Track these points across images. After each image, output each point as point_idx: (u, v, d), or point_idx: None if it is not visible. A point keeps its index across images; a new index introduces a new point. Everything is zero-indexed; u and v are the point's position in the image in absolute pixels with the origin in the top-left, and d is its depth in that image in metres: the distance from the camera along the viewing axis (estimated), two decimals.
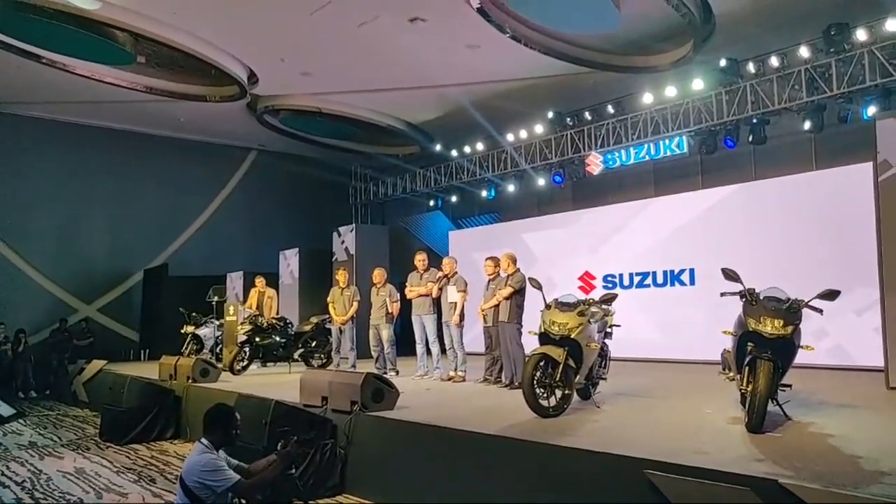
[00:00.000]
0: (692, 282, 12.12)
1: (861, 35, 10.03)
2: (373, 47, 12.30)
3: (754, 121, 11.54)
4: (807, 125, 10.97)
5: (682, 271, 12.28)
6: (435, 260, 11.93)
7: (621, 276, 13.15)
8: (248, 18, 11.54)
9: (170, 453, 9.15)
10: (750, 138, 11.68)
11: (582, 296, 7.68)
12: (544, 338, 6.63)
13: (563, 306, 6.73)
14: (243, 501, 4.69)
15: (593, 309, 6.90)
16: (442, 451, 6.12)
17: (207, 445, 4.45)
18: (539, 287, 7.09)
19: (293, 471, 4.70)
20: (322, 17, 11.21)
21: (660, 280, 12.61)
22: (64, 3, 10.79)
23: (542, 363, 6.42)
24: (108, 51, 12.60)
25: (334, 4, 10.81)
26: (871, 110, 9.97)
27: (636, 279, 12.92)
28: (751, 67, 11.36)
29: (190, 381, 10.36)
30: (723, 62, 11.42)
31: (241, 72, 13.61)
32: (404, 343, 11.67)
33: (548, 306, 6.83)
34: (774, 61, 11.07)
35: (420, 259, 10.53)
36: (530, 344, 7.60)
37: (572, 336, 6.48)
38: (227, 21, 11.70)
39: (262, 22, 11.64)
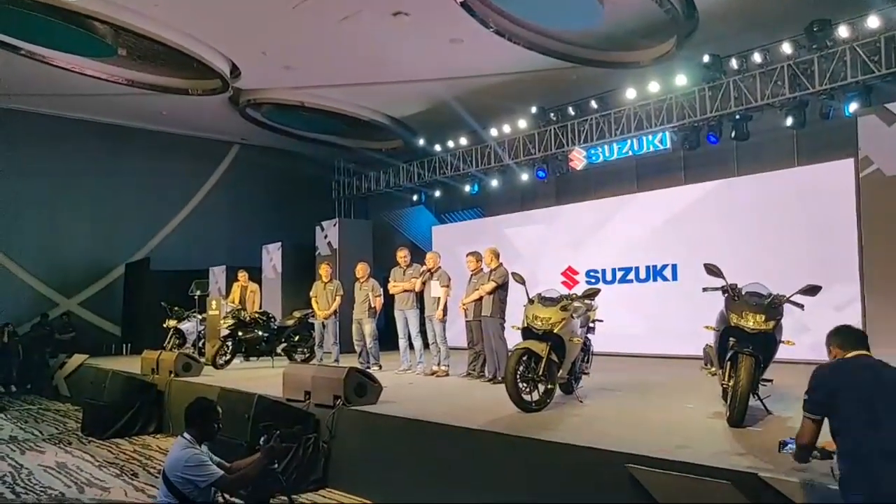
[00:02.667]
0: (675, 277, 12.19)
1: (843, 32, 10.08)
2: (355, 41, 12.25)
3: (737, 117, 11.60)
4: (789, 121, 11.05)
5: (664, 266, 12.34)
6: (418, 255, 11.93)
7: (604, 271, 13.19)
8: (230, 11, 11.45)
9: (152, 448, 9.11)
10: (732, 134, 11.74)
11: (565, 291, 7.71)
12: (527, 332, 6.65)
13: (546, 301, 6.76)
14: (225, 497, 4.68)
15: (576, 304, 6.93)
16: (425, 445, 6.14)
17: (190, 440, 4.43)
18: (522, 282, 7.12)
19: (276, 466, 4.67)
20: (304, 11, 11.13)
21: (642, 275, 12.67)
22: None
23: (525, 358, 6.44)
24: (88, 43, 12.48)
25: None
26: (853, 107, 10.04)
27: (619, 274, 12.96)
28: (734, 63, 11.40)
29: (172, 375, 10.31)
30: (706, 58, 11.46)
31: (224, 65, 13.51)
32: (387, 338, 11.67)
33: (531, 301, 6.86)
34: (757, 57, 11.13)
35: (402, 255, 10.55)
36: (513, 338, 7.64)
37: (555, 331, 6.50)
38: (210, 14, 11.59)
39: (245, 15, 11.54)
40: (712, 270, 5.84)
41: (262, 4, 11.11)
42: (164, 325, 13.91)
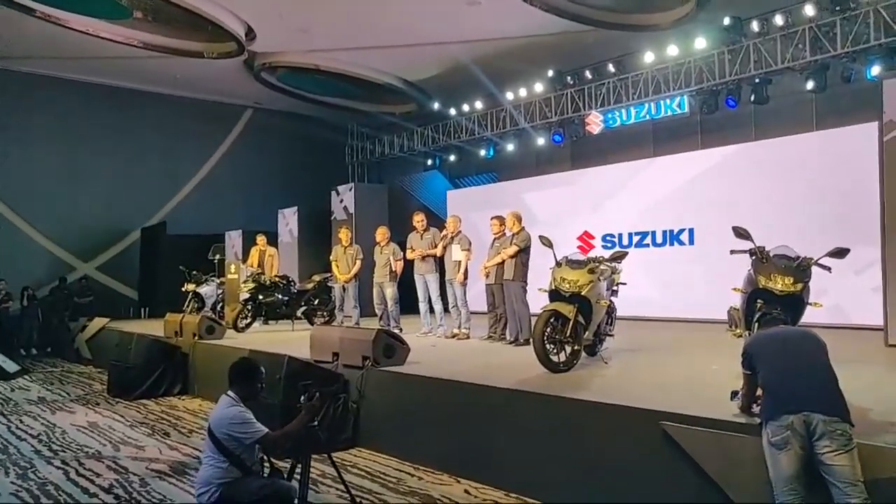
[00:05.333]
0: (691, 241, 12.24)
1: None
2: (372, 3, 12.18)
3: (756, 80, 11.51)
4: (809, 85, 10.98)
5: (681, 231, 12.39)
6: (433, 219, 11.95)
7: (620, 235, 13.24)
8: None
9: (179, 408, 9.28)
10: (752, 98, 11.67)
11: (582, 255, 7.77)
12: (554, 294, 6.73)
13: (573, 263, 6.83)
14: (268, 457, 4.80)
15: (603, 267, 7.00)
16: (455, 405, 6.26)
17: (235, 398, 4.53)
18: (550, 245, 7.17)
19: (316, 423, 4.79)
20: None
21: (659, 240, 12.72)
22: None
23: (552, 319, 6.54)
24: (103, 5, 12.44)
25: None
26: (876, 70, 9.98)
27: (635, 239, 13.02)
28: (754, 26, 11.30)
29: (196, 338, 10.45)
30: (726, 20, 11.37)
31: (239, 28, 13.46)
32: (406, 301, 11.79)
33: (558, 264, 6.93)
34: (779, 20, 11.01)
35: (419, 219, 10.58)
36: (535, 301, 7.73)
37: (582, 293, 6.59)
38: None
39: None
40: (741, 233, 5.87)
41: None
42: (183, 289, 14.02)
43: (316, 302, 12.53)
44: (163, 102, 18.10)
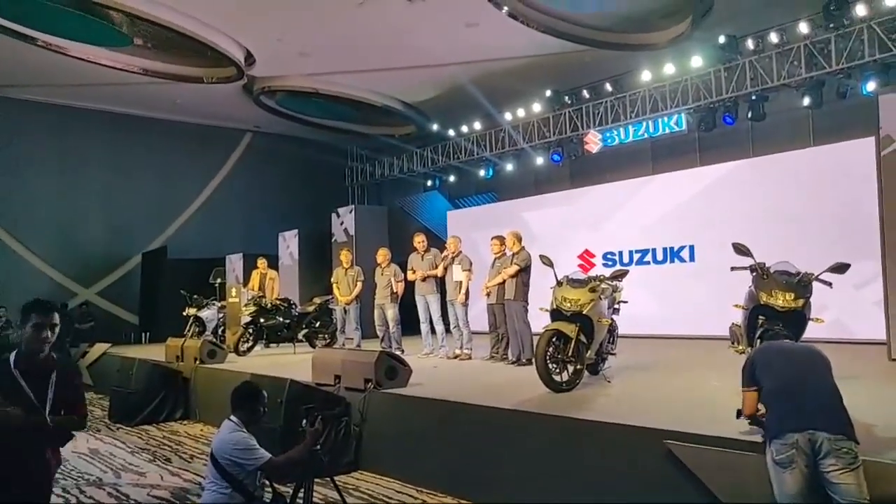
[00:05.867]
0: (692, 258, 12.25)
1: (860, 10, 10.08)
2: (372, 27, 12.26)
3: (753, 97, 11.60)
4: (806, 101, 11.05)
5: (681, 248, 12.40)
6: (433, 240, 11.98)
7: (621, 253, 13.25)
8: None
9: (181, 433, 9.24)
10: (749, 115, 11.74)
11: (583, 274, 7.78)
12: (556, 314, 6.73)
13: (574, 283, 6.83)
14: (271, 483, 4.77)
15: (604, 285, 7.00)
16: (459, 426, 6.24)
17: (238, 423, 4.51)
18: (550, 264, 7.17)
19: (319, 448, 4.76)
20: None
21: (659, 257, 12.73)
22: None
23: (554, 339, 6.53)
24: (104, 32, 12.53)
25: None
26: (871, 86, 10.04)
27: (636, 256, 13.03)
28: (750, 44, 11.40)
29: (198, 362, 10.44)
30: (721, 39, 11.46)
31: (238, 53, 13.54)
32: (407, 323, 11.77)
33: (559, 283, 6.93)
34: (774, 37, 11.11)
35: (419, 240, 10.60)
36: (536, 321, 7.72)
37: (584, 312, 6.58)
38: (225, 1, 11.62)
39: (260, 1, 11.57)
40: (741, 249, 5.87)
41: None
42: (184, 314, 13.98)
43: (317, 324, 12.52)
44: (163, 127, 18.16)
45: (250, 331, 11.95)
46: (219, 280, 14.67)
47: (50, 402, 3.61)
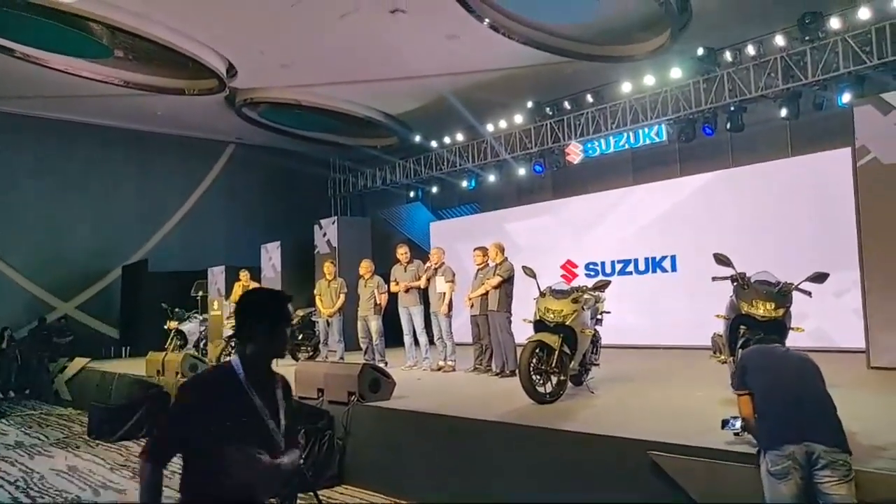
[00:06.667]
0: (674, 268, 12.32)
1: (834, 23, 10.25)
2: (353, 39, 12.28)
3: (732, 109, 11.72)
4: (783, 112, 11.20)
5: (663, 258, 12.48)
6: (416, 251, 11.97)
7: (603, 263, 13.31)
8: (227, 10, 11.46)
9: None
10: (728, 126, 11.87)
11: (566, 284, 7.81)
12: (539, 325, 6.75)
13: (557, 293, 6.86)
14: None
15: (586, 296, 7.03)
16: (443, 438, 6.21)
17: None
18: (533, 275, 7.20)
19: (303, 462, 4.72)
20: (302, 9, 11.17)
21: (642, 267, 12.80)
22: None
23: (538, 350, 6.54)
24: (84, 44, 12.46)
25: None
26: (846, 97, 10.20)
27: (618, 266, 13.08)
28: (728, 56, 11.54)
29: (179, 376, 10.33)
30: (700, 51, 11.57)
31: (220, 64, 13.50)
32: (390, 334, 11.73)
33: (542, 294, 6.95)
34: (751, 50, 11.26)
35: (402, 252, 10.59)
36: (520, 332, 7.73)
37: (567, 323, 6.61)
38: (206, 13, 11.59)
39: (242, 14, 11.55)
40: (721, 260, 5.94)
41: (259, 3, 11.12)
42: (166, 327, 13.87)
43: (300, 337, 12.43)
44: (144, 139, 18.04)
45: (232, 344, 11.84)
46: (200, 293, 14.57)
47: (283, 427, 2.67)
